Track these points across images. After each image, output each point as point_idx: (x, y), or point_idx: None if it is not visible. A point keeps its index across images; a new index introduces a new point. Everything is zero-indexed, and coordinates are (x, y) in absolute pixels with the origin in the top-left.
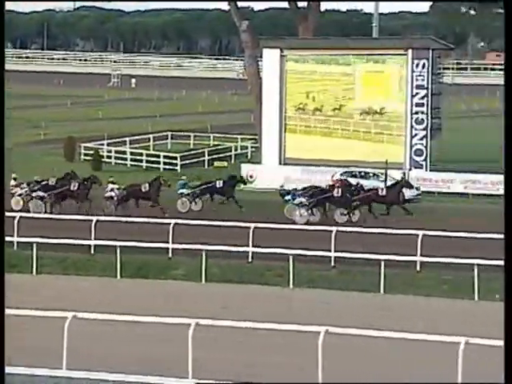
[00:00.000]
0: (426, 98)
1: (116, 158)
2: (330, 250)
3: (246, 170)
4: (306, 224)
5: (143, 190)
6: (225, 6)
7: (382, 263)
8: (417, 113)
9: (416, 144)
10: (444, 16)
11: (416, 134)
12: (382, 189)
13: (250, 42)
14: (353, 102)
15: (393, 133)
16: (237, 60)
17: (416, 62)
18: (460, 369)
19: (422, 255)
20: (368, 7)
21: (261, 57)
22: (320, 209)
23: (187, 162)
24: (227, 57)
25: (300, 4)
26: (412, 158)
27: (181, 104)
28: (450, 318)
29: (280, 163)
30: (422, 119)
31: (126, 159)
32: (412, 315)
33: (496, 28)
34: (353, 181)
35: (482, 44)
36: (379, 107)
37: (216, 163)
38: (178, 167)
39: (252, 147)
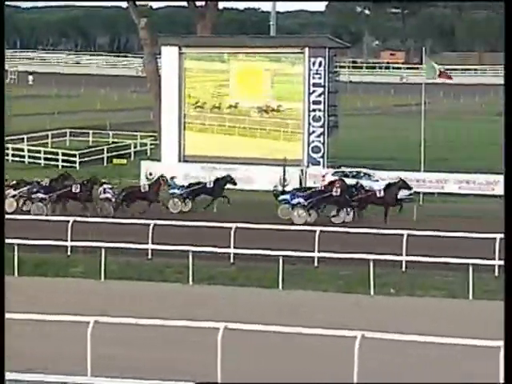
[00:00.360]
0: (322, 96)
1: (13, 155)
2: (229, 247)
3: (145, 167)
4: (305, 224)
5: (143, 190)
6: (123, 3)
7: (281, 259)
8: (314, 110)
9: (313, 141)
10: (340, 15)
11: (313, 132)
12: (380, 190)
13: (148, 39)
14: (251, 100)
15: (291, 130)
16: (135, 57)
17: (313, 60)
18: (356, 363)
19: (319, 251)
20: (265, 6)
21: (160, 54)
22: (317, 209)
23: (86, 159)
24: (126, 54)
25: (198, 2)
26: (310, 155)
27: (79, 101)
28: (344, 313)
29: (179, 160)
30: (319, 117)
31: (23, 156)
32: (308, 310)
33: (390, 27)
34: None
35: (377, 43)
36: (277, 105)
37: (115, 160)
38: (77, 165)
39: (151, 145)
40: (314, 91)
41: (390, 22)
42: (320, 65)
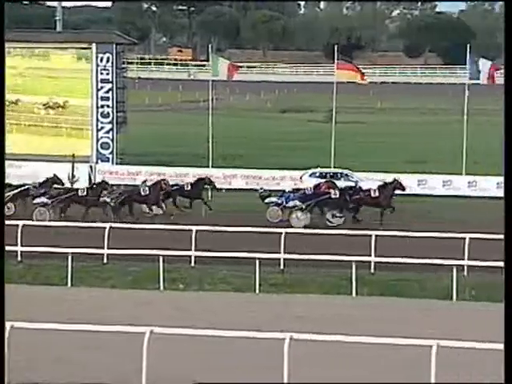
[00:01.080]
0: (111, 92)
1: None
2: (16, 245)
3: None
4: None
5: (143, 193)
6: None
7: (70, 256)
8: (102, 106)
9: (102, 137)
10: (127, 12)
11: (102, 128)
12: (375, 190)
13: None
14: (36, 96)
15: (79, 126)
16: None
17: (100, 56)
18: (145, 358)
19: (108, 247)
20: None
21: None
22: (313, 212)
23: None
24: None
25: None
26: (98, 151)
27: None
28: (131, 309)
29: None
30: (108, 113)
31: None
32: (97, 306)
33: (177, 24)
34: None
35: (165, 39)
36: (63, 101)
37: None
38: None
39: None
40: (102, 87)
41: (176, 19)
42: (108, 61)
